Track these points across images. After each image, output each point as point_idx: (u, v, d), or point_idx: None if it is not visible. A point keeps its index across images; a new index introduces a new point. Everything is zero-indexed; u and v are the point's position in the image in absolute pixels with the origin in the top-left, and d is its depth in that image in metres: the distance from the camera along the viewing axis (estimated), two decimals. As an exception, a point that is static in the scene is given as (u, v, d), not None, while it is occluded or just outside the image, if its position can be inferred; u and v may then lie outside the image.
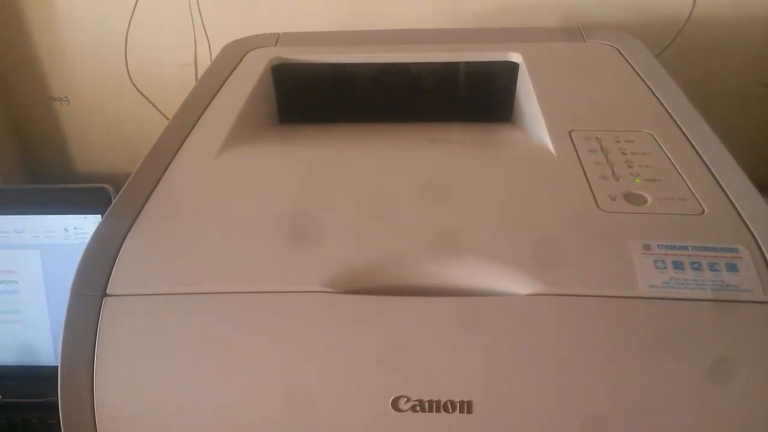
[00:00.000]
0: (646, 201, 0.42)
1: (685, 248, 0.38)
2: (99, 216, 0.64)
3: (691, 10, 0.81)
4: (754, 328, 0.35)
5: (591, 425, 0.34)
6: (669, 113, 0.52)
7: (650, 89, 0.56)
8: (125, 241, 0.41)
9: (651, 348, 0.35)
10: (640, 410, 0.34)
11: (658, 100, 0.54)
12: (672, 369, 0.34)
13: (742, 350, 0.35)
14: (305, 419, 0.36)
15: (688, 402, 0.34)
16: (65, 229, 0.64)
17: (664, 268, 0.37)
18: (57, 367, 0.37)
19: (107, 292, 0.38)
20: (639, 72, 0.59)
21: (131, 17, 0.86)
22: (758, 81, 0.86)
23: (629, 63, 0.61)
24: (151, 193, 0.45)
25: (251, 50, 0.67)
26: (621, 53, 0.63)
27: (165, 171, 0.47)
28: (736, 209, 0.41)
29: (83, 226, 0.64)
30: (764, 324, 0.35)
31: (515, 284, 0.37)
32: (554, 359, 0.35)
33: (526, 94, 0.58)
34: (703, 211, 0.41)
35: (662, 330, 0.35)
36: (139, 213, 0.43)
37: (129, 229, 0.41)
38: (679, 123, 0.50)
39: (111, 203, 0.44)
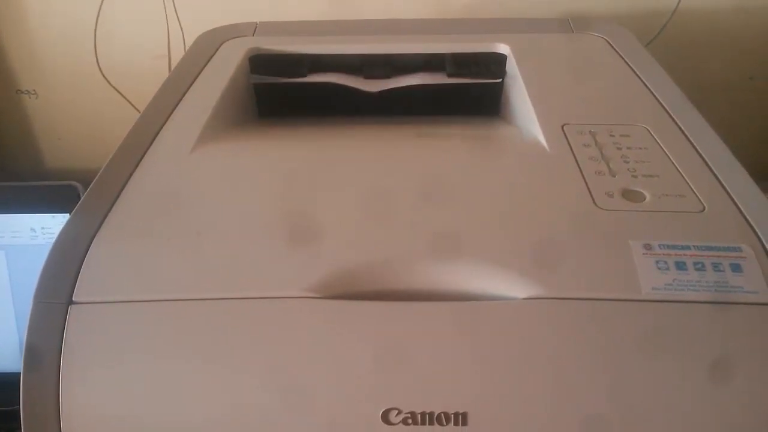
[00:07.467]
0: (644, 198, 0.40)
1: (687, 248, 0.36)
2: (67, 215, 0.61)
3: (678, 2, 0.80)
4: (761, 332, 0.33)
5: (592, 436, 0.33)
6: (663, 106, 0.51)
7: (642, 82, 0.55)
8: (92, 244, 0.38)
9: (655, 354, 0.33)
10: (643, 420, 0.33)
11: (651, 93, 0.53)
12: (677, 376, 0.33)
13: (748, 354, 0.33)
14: (289, 434, 0.33)
15: (694, 410, 0.33)
16: (32, 229, 0.62)
17: (667, 269, 0.35)
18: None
19: (73, 299, 0.35)
20: (630, 64, 0.58)
21: (101, 5, 0.83)
22: (746, 74, 0.86)
23: (620, 55, 0.60)
24: (120, 192, 0.42)
25: (227, 40, 0.64)
26: (611, 44, 0.62)
27: (136, 168, 0.45)
28: (737, 206, 0.40)
29: (51, 226, 0.62)
30: (772, 327, 0.33)
31: (512, 287, 0.35)
32: (553, 367, 0.33)
33: (515, 86, 0.56)
34: (704, 209, 0.39)
35: (666, 335, 0.33)
36: (107, 213, 0.40)
37: (97, 231, 0.39)
38: (674, 116, 0.49)
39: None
